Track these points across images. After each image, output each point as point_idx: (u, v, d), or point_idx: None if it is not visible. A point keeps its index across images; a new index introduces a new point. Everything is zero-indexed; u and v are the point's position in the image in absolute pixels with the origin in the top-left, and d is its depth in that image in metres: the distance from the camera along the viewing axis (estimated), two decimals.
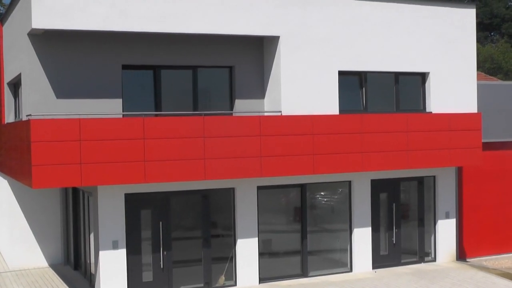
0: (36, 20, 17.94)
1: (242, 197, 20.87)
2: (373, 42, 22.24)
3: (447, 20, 23.51)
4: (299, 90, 21.08)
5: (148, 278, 20.03)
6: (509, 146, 27.38)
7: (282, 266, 21.86)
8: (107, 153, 18.11)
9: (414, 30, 22.94)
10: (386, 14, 22.43)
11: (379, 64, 22.44)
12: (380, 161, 21.64)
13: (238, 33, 20.27)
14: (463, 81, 23.81)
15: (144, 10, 18.98)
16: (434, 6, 23.30)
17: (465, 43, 23.89)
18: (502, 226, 27.38)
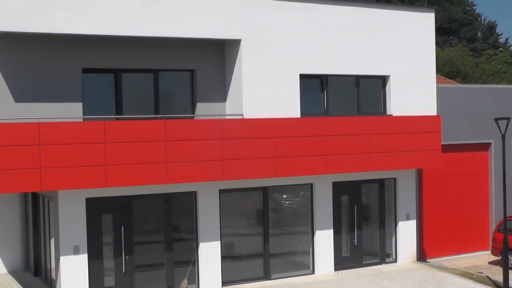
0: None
1: (204, 200, 20.83)
2: (334, 45, 22.37)
3: (407, 24, 23.75)
4: (261, 93, 21.12)
5: (110, 283, 19.87)
6: (468, 148, 27.74)
7: (245, 269, 21.85)
8: (68, 158, 17.96)
9: (375, 34, 23.13)
10: (347, 18, 22.58)
11: (340, 68, 22.57)
12: (342, 163, 21.76)
13: (199, 36, 20.25)
14: (422, 84, 24.06)
15: (105, 13, 18.87)
16: (395, 11, 23.54)
17: (424, 47, 24.16)
18: (461, 227, 27.71)
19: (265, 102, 21.18)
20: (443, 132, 24.49)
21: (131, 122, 19.05)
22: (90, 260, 19.43)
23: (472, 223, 28.04)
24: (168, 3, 19.72)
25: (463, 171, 27.80)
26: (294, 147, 20.87)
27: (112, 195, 19.59)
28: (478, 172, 28.16)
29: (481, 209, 28.27)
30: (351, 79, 23.23)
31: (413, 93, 23.91)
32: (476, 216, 28.13)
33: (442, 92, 25.90)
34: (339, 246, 23.38)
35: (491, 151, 28.15)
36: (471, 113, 27.39)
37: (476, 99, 27.74)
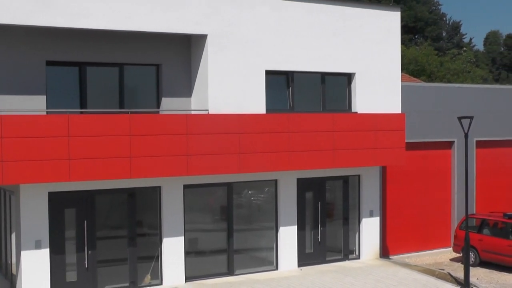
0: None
1: (168, 195, 20.76)
2: (301, 42, 22.41)
3: (373, 22, 23.87)
4: (226, 89, 21.09)
5: (72, 278, 19.73)
6: (432, 146, 27.99)
7: (209, 264, 21.84)
8: (30, 151, 17.77)
9: (341, 32, 23.21)
10: (314, 15, 22.63)
11: (306, 64, 22.63)
12: (306, 160, 21.83)
13: (165, 31, 20.15)
14: (388, 82, 24.21)
15: (69, 5, 18.68)
16: (361, 9, 23.63)
17: (390, 45, 24.31)
18: (423, 224, 27.96)
19: (231, 98, 21.16)
20: (407, 130, 24.66)
21: (96, 116, 18.90)
22: (52, 255, 19.27)
23: (434, 221, 28.31)
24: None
25: (427, 169, 28.04)
26: (259, 143, 20.88)
27: (75, 189, 19.45)
28: (441, 170, 28.42)
29: (443, 206, 28.54)
30: (316, 76, 23.30)
31: (378, 91, 24.04)
32: (438, 214, 28.40)
33: (407, 90, 26.09)
34: (302, 242, 23.45)
35: (454, 149, 28.41)
36: (435, 111, 27.62)
37: (440, 97, 27.99)
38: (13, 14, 18.03)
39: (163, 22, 20.01)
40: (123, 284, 20.40)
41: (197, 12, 20.55)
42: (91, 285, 19.90)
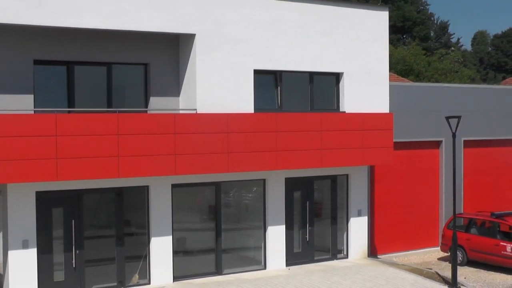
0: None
1: (156, 195, 20.73)
2: (289, 42, 22.43)
3: (361, 22, 23.91)
4: (215, 88, 21.08)
5: (59, 277, 19.68)
6: (420, 146, 28.05)
7: (197, 264, 21.82)
8: (18, 150, 17.70)
9: (329, 31, 23.23)
10: (303, 14, 22.64)
11: (294, 64, 22.64)
12: (294, 159, 21.84)
13: (153, 30, 20.12)
14: (376, 82, 24.25)
15: (58, 4, 18.60)
16: (349, 8, 23.66)
17: (378, 45, 24.35)
18: (411, 223, 28.03)
19: (219, 97, 21.15)
20: (395, 129, 24.70)
21: (83, 115, 18.86)
22: (39, 255, 19.21)
23: (422, 220, 28.37)
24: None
25: (415, 168, 28.10)
26: (247, 143, 20.88)
27: (63, 188, 19.39)
28: (429, 170, 28.49)
29: (431, 206, 28.61)
30: (305, 75, 23.31)
31: (366, 91, 24.08)
32: (426, 213, 28.46)
33: (395, 90, 26.13)
34: (291, 242, 23.47)
35: (442, 149, 28.49)
36: (423, 111, 27.68)
37: (428, 97, 28.05)
38: (1, 13, 17.94)
39: (151, 22, 19.97)
40: (111, 283, 20.36)
41: (185, 11, 20.52)
42: (79, 284, 19.86)
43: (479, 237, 25.64)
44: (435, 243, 28.54)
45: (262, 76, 22.35)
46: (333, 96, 23.92)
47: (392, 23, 68.67)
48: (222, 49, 21.19)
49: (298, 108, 23.17)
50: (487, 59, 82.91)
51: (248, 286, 20.79)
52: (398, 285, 21.16)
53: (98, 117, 18.90)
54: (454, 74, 61.01)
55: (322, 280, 21.61)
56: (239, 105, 21.50)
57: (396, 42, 71.10)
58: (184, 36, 21.22)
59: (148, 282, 20.82)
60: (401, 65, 58.51)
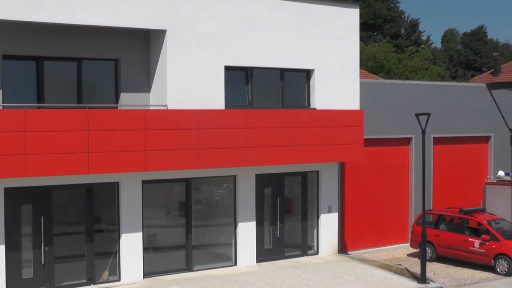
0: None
1: (126, 191, 20.65)
2: (260, 38, 22.44)
3: (332, 19, 23.98)
4: (186, 84, 21.03)
5: (28, 274, 19.52)
6: (390, 143, 28.21)
7: (167, 260, 21.77)
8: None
9: (300, 28, 23.27)
10: (274, 11, 22.66)
11: (265, 60, 22.66)
12: (265, 156, 21.86)
13: (124, 25, 20.01)
14: (346, 79, 24.35)
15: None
16: (320, 5, 23.71)
17: (349, 42, 24.44)
18: (381, 220, 28.20)
19: (190, 94, 21.11)
20: (365, 126, 24.80)
21: (53, 111, 18.72)
22: (7, 252, 19.04)
23: (392, 216, 28.56)
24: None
25: (385, 165, 28.26)
26: (217, 139, 20.86)
27: (32, 185, 19.23)
28: (399, 166, 28.68)
29: (401, 202, 28.81)
30: (276, 72, 23.35)
31: (337, 87, 24.17)
32: (396, 209, 28.66)
33: (366, 87, 26.25)
34: (261, 238, 23.50)
35: (411, 145, 28.69)
36: (393, 108, 27.84)
37: (398, 94, 28.22)
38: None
39: (121, 17, 19.86)
40: (80, 280, 20.24)
41: (156, 7, 20.44)
42: (48, 281, 19.72)
43: (448, 233, 25.89)
44: (404, 239, 28.74)
45: (233, 73, 22.34)
46: (304, 92, 23.98)
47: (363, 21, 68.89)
48: (193, 45, 21.15)
49: (268, 104, 23.20)
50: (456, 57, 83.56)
51: (219, 282, 20.79)
52: (367, 281, 21.27)
53: (68, 112, 18.77)
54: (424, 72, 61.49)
55: (293, 276, 21.66)
56: (210, 101, 21.47)
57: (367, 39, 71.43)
58: (155, 32, 21.13)
59: (118, 278, 20.73)
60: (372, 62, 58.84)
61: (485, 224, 25.05)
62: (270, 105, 23.17)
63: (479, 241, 24.74)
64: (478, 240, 24.79)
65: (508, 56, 79.97)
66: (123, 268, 20.70)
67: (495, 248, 24.32)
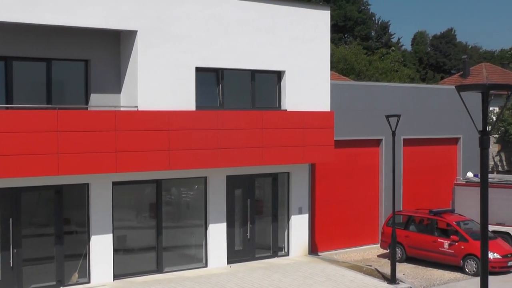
0: None
1: (96, 192, 20.53)
2: (231, 39, 22.43)
3: (303, 21, 24.04)
4: (156, 85, 20.96)
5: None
6: (360, 144, 28.33)
7: (137, 262, 21.69)
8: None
9: (272, 30, 23.31)
10: (245, 12, 22.67)
11: (236, 62, 22.66)
12: (236, 157, 21.86)
13: (94, 26, 19.90)
14: (317, 80, 24.42)
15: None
16: (291, 7, 23.77)
17: (320, 43, 24.51)
18: (352, 221, 28.31)
19: (161, 95, 21.05)
20: (336, 128, 24.89)
21: (22, 111, 18.58)
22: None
23: (362, 217, 28.68)
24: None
25: (355, 166, 28.37)
26: (188, 140, 20.82)
27: (0, 186, 19.04)
28: (369, 168, 28.81)
29: (371, 203, 28.95)
30: (247, 73, 23.35)
31: (308, 89, 24.23)
32: (366, 211, 28.79)
33: (336, 88, 26.34)
34: (232, 239, 23.49)
35: (382, 147, 28.84)
36: (363, 109, 27.96)
37: (368, 96, 28.35)
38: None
39: (91, 18, 19.74)
40: (49, 283, 20.09)
41: (126, 7, 20.35)
42: (16, 284, 19.54)
43: (418, 234, 26.06)
44: (375, 240, 28.88)
45: (204, 74, 22.31)
46: (274, 94, 24.02)
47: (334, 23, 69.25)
48: (163, 46, 21.09)
49: (239, 105, 23.20)
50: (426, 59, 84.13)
51: (189, 284, 20.75)
52: (338, 282, 21.36)
53: (37, 113, 18.62)
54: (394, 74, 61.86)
55: (263, 277, 21.69)
56: (181, 103, 21.42)
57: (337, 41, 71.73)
58: (125, 33, 21.05)
59: (88, 281, 20.61)
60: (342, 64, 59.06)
61: (454, 225, 25.27)
62: (241, 107, 23.17)
63: (448, 242, 24.94)
64: (447, 240, 24.99)
65: (477, 58, 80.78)
66: (93, 270, 20.58)
67: (464, 249, 24.54)
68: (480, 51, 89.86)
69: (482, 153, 10.13)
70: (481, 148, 10.06)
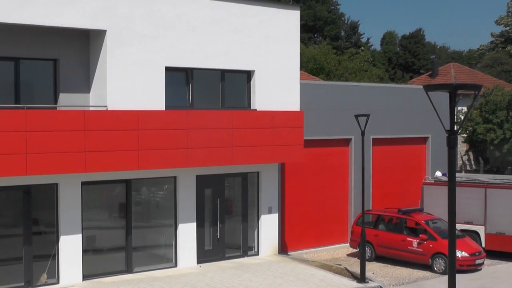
0: None
1: (65, 193, 20.40)
2: (200, 39, 22.41)
3: (273, 20, 24.08)
4: (126, 85, 20.88)
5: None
6: (330, 144, 28.42)
7: (107, 262, 21.58)
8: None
9: (241, 29, 23.32)
10: (214, 12, 22.66)
11: (205, 61, 22.64)
12: (205, 157, 21.85)
13: (62, 25, 19.77)
14: (287, 80, 24.47)
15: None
16: (261, 7, 23.80)
17: (289, 43, 24.57)
18: (321, 220, 28.39)
19: (130, 94, 20.97)
20: (305, 127, 24.96)
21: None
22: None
23: (332, 217, 28.78)
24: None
25: (325, 166, 28.46)
26: (157, 140, 20.77)
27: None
28: (339, 167, 28.92)
29: (341, 203, 29.06)
30: (216, 73, 23.35)
31: (277, 89, 24.28)
32: (336, 210, 28.89)
33: (306, 88, 26.41)
34: (202, 239, 23.47)
35: (351, 146, 28.96)
36: (333, 109, 28.06)
37: (338, 96, 28.45)
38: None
39: (60, 17, 19.62)
40: (17, 283, 19.92)
41: (95, 7, 20.25)
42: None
43: (387, 233, 26.22)
44: (344, 240, 28.98)
45: (173, 73, 22.27)
46: (244, 93, 24.04)
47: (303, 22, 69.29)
48: (133, 45, 21.01)
49: (209, 105, 23.19)
50: (395, 59, 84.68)
51: (159, 284, 20.70)
52: (307, 281, 21.43)
53: (5, 113, 18.47)
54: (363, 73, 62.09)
55: (233, 277, 21.69)
56: (150, 102, 21.36)
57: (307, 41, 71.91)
58: (94, 32, 20.93)
59: (57, 281, 20.47)
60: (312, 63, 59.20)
61: (423, 224, 25.46)
62: (210, 106, 23.17)
63: (417, 241, 25.13)
64: (416, 239, 25.18)
65: (445, 58, 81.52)
66: (62, 271, 20.44)
67: (432, 248, 24.73)
68: (448, 51, 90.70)
69: (450, 152, 10.22)
70: (449, 147, 10.15)
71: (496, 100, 39.00)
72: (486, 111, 39.29)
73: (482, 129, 38.89)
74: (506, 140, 38.37)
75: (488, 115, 39.01)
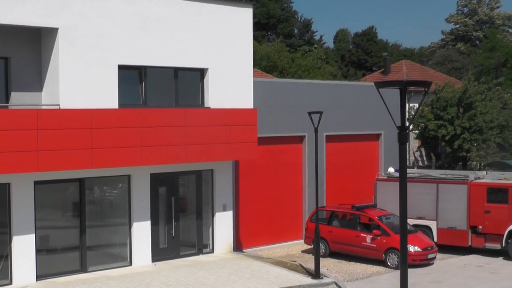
0: None
1: (18, 192, 20.18)
2: (154, 37, 22.35)
3: (225, 18, 24.12)
4: (78, 83, 20.74)
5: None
6: (283, 141, 28.57)
7: (61, 262, 21.42)
8: None
9: (194, 27, 23.31)
10: (167, 9, 22.61)
11: (159, 59, 22.58)
12: (159, 155, 21.80)
13: (13, 23, 19.54)
14: (240, 78, 24.54)
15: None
16: (213, 4, 23.80)
17: (242, 41, 24.63)
18: (276, 217, 28.53)
19: (83, 93, 20.83)
20: (259, 125, 25.06)
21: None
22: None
23: (286, 214, 28.94)
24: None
25: (279, 163, 28.60)
26: (111, 138, 20.67)
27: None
28: (293, 164, 29.08)
29: (295, 200, 29.24)
30: (169, 71, 23.31)
31: (231, 86, 24.33)
32: (290, 207, 29.06)
33: (259, 85, 26.50)
34: (156, 237, 23.43)
35: (305, 143, 29.14)
36: (286, 106, 28.21)
37: (291, 93, 28.60)
38: None
39: (10, 14, 19.39)
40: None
41: (47, 4, 20.06)
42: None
43: (341, 229, 26.45)
44: (299, 236, 29.17)
45: (127, 72, 22.18)
46: (198, 91, 24.03)
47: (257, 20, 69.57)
48: (85, 43, 20.87)
49: (163, 103, 23.14)
50: (348, 56, 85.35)
51: (114, 283, 20.62)
52: (262, 278, 21.53)
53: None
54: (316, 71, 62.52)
55: (188, 275, 21.70)
56: (103, 101, 21.24)
57: (260, 39, 72.08)
58: (46, 30, 20.75)
59: (10, 282, 20.25)
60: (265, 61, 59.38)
61: (376, 219, 25.74)
62: (164, 104, 23.11)
63: (370, 236, 25.39)
64: (370, 235, 25.44)
65: (397, 56, 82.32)
66: (15, 271, 20.24)
67: (386, 243, 25.02)
68: (400, 48, 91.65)
69: (401, 148, 10.36)
70: (400, 144, 10.30)
71: (447, 97, 39.53)
72: (437, 107, 39.79)
73: (433, 125, 39.39)
74: (457, 136, 38.91)
75: (439, 111, 39.53)
